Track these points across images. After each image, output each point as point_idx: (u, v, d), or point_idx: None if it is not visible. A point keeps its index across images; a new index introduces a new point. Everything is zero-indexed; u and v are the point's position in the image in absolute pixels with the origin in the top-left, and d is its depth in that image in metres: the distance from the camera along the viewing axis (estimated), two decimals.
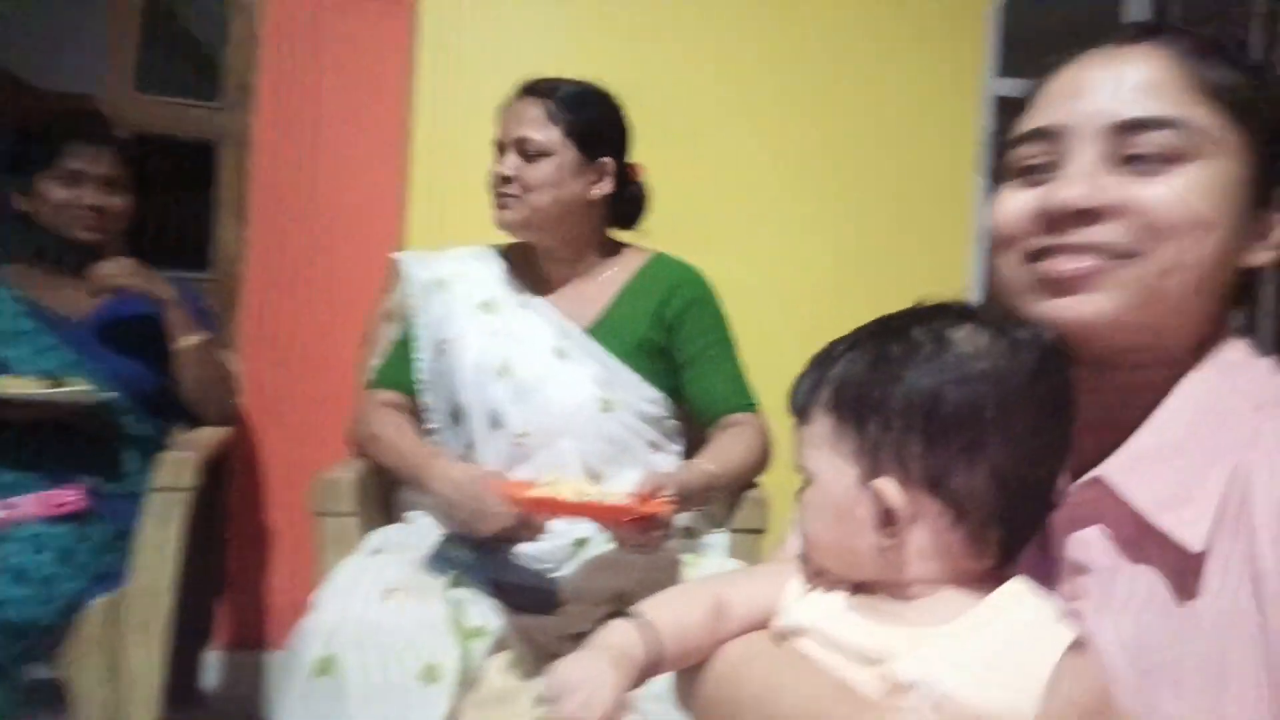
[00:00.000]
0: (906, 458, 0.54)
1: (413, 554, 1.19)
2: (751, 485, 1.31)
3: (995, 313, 0.58)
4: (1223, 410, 0.56)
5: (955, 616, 0.54)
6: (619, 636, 0.59)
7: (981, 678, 0.51)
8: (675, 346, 1.35)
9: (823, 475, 0.58)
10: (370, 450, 1.29)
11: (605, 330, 1.33)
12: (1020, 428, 0.54)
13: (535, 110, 1.29)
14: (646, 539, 1.07)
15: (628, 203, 1.40)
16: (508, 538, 1.13)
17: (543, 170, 1.29)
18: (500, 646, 1.10)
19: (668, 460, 1.33)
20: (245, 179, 1.93)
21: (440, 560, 1.17)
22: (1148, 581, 0.55)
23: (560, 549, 1.19)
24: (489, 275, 1.37)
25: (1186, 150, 0.55)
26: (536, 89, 1.31)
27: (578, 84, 1.33)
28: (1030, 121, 0.61)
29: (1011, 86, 2.08)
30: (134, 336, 1.50)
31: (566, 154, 1.29)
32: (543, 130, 1.28)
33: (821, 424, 0.59)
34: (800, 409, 0.61)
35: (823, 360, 0.61)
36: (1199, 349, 0.59)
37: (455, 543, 1.19)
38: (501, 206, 1.30)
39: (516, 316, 1.33)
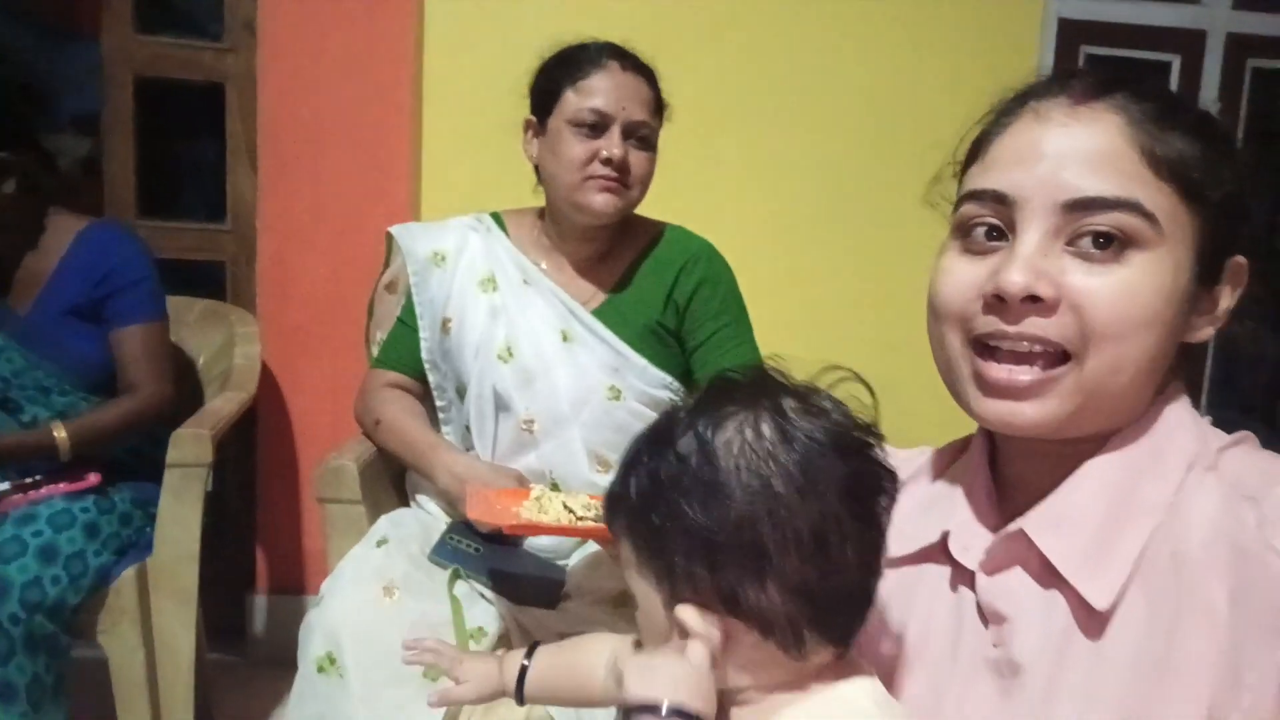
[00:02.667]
0: (698, 582, 0.52)
1: (418, 544, 1.18)
2: None
3: (778, 389, 0.54)
4: (1148, 470, 0.56)
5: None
6: (510, 659, 0.73)
7: None
8: (687, 329, 1.28)
9: (639, 596, 0.57)
10: (375, 435, 1.28)
11: (613, 312, 1.26)
12: (806, 533, 0.51)
13: (647, 91, 1.21)
14: None
15: None
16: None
17: (649, 162, 1.23)
18: (501, 646, 1.11)
19: None
20: (252, 124, 1.86)
21: (445, 551, 1.17)
22: (1063, 615, 0.56)
23: (566, 542, 1.17)
24: (490, 248, 1.30)
25: (1137, 235, 0.54)
26: (639, 64, 1.22)
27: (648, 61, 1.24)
28: (981, 179, 0.58)
29: None
30: (78, 317, 1.42)
31: (655, 147, 1.23)
32: (655, 117, 1.22)
33: (625, 546, 0.57)
34: (612, 529, 0.58)
35: (625, 472, 0.57)
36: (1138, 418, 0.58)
37: (462, 531, 1.18)
38: (606, 190, 1.19)
39: (519, 295, 1.27)
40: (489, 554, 1.17)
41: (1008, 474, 0.62)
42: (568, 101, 1.19)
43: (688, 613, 0.52)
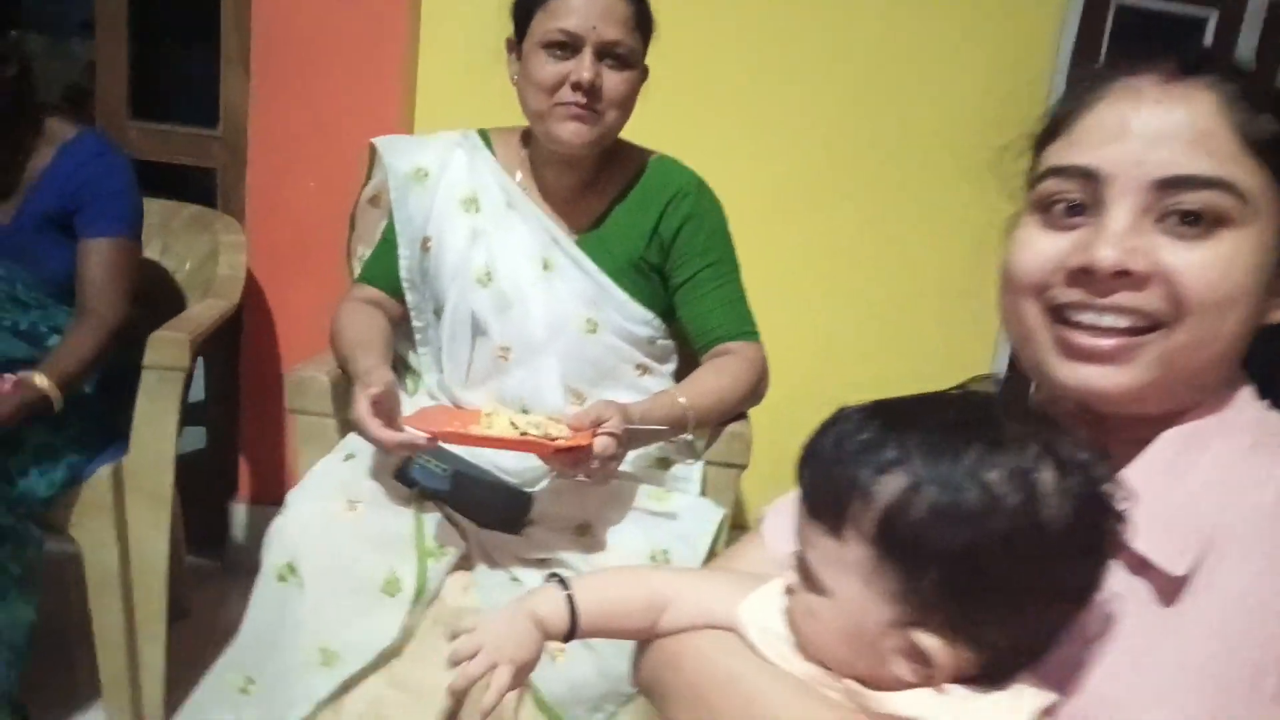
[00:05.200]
0: (961, 618, 0.51)
1: (385, 458, 1.19)
2: (738, 417, 1.25)
3: (1064, 441, 0.53)
4: (1216, 442, 0.57)
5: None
6: (545, 606, 0.65)
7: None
8: (671, 266, 1.25)
9: (844, 600, 0.54)
10: (331, 345, 1.26)
11: (596, 242, 1.24)
12: (1080, 587, 0.53)
13: (623, 7, 1.13)
14: (579, 470, 1.02)
15: None
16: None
17: (628, 82, 1.15)
18: (460, 565, 1.12)
19: (656, 384, 1.27)
20: (247, 29, 1.81)
21: (412, 469, 1.17)
22: (1139, 591, 0.55)
23: (534, 468, 1.17)
24: (475, 167, 1.27)
25: (1228, 213, 0.54)
26: None
27: None
28: (1067, 155, 0.58)
29: None
30: (54, 226, 1.39)
31: (641, 64, 1.17)
32: (631, 35, 1.14)
33: (856, 549, 0.53)
34: (822, 515, 0.55)
35: (855, 459, 0.53)
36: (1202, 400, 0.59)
37: (430, 452, 1.18)
38: (575, 119, 1.13)
39: (502, 218, 1.25)
40: (456, 477, 1.17)
41: None
42: (538, 21, 1.14)
43: (932, 641, 0.52)
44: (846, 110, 1.93)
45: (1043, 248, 0.58)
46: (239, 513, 1.98)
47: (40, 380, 1.26)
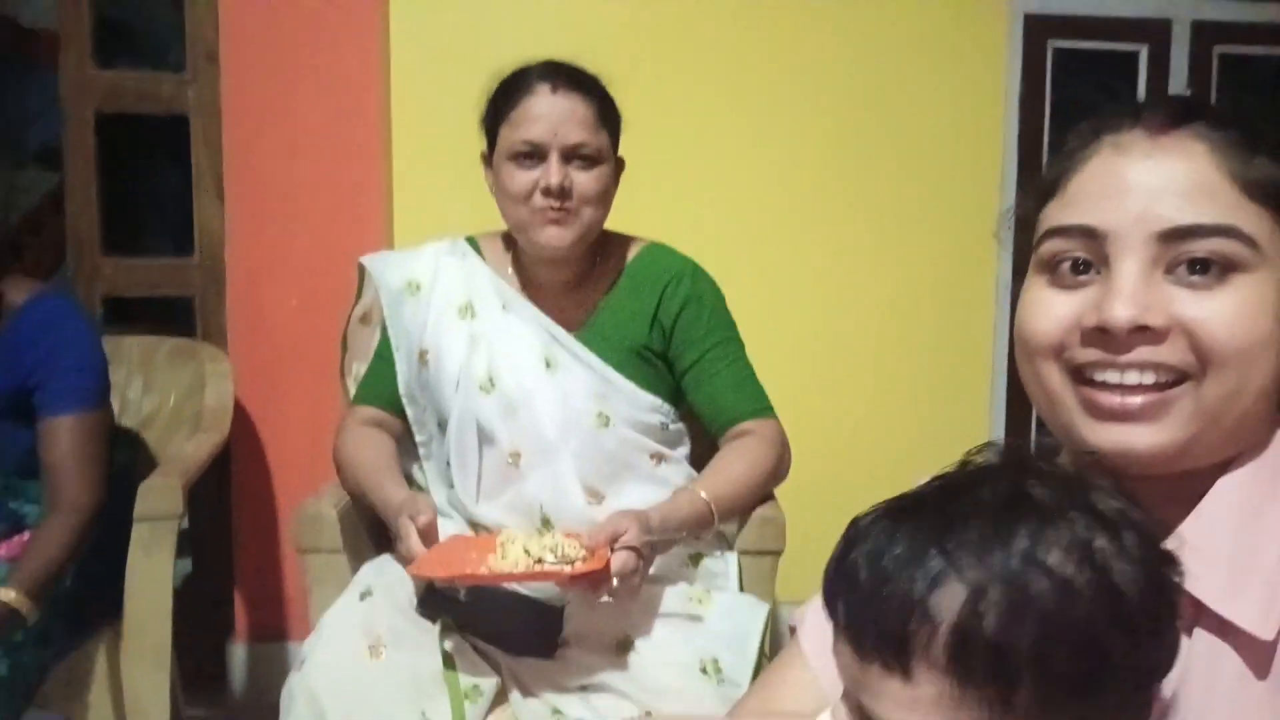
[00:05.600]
0: (1060, 713, 0.45)
1: (404, 592, 1.12)
2: (766, 499, 1.21)
3: (1103, 502, 0.49)
4: (1273, 488, 0.55)
5: None
6: None
7: None
8: (675, 351, 1.23)
9: None
10: (340, 477, 1.21)
11: (595, 334, 1.21)
12: (1166, 654, 0.49)
13: (584, 109, 1.14)
14: (601, 592, 0.99)
15: None
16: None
17: (599, 179, 1.15)
18: (498, 703, 1.04)
19: (673, 470, 1.22)
20: (218, 154, 1.80)
21: (433, 599, 1.10)
22: (1228, 660, 0.52)
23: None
24: (467, 273, 1.25)
25: (1238, 259, 0.53)
26: (575, 80, 1.15)
27: (591, 75, 1.18)
28: (1066, 215, 0.57)
29: None
30: (12, 412, 1.28)
31: (611, 160, 1.18)
32: (596, 134, 1.15)
33: (930, 686, 0.46)
34: (880, 653, 0.47)
35: (898, 577, 0.46)
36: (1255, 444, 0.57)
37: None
38: (554, 223, 1.14)
39: (499, 321, 1.21)
40: (479, 602, 1.10)
41: None
42: (504, 135, 1.15)
43: None
44: (812, 158, 1.95)
45: (1054, 308, 0.57)
46: (238, 653, 1.87)
47: (6, 594, 1.14)
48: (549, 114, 1.13)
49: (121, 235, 1.90)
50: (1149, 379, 0.54)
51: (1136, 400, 0.54)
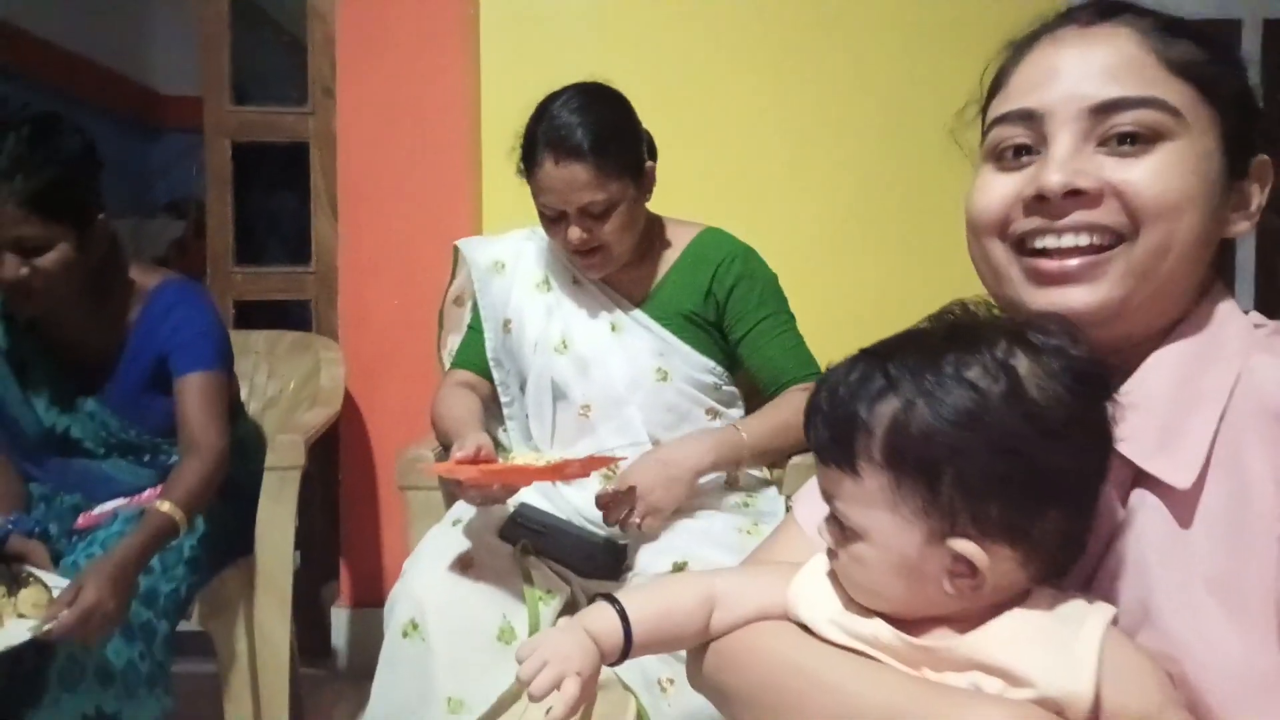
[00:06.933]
0: (985, 514, 0.54)
1: (489, 521, 1.29)
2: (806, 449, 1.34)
3: (1033, 330, 0.57)
4: (1206, 359, 0.59)
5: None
6: (598, 622, 0.64)
7: (1035, 657, 0.53)
8: (729, 322, 1.38)
9: (879, 534, 0.56)
10: (435, 430, 1.40)
11: (655, 306, 1.38)
12: (1086, 464, 0.55)
13: (583, 174, 1.24)
14: (567, 479, 1.19)
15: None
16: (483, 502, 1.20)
17: (616, 220, 1.28)
18: (569, 608, 1.19)
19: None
20: (333, 177, 2.07)
21: (512, 529, 1.27)
22: (1158, 514, 0.57)
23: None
24: (543, 255, 1.44)
25: (1163, 128, 0.57)
26: (569, 150, 1.24)
27: (596, 116, 1.27)
28: (1006, 104, 0.63)
29: None
30: (154, 385, 1.46)
31: (628, 192, 1.29)
32: (601, 190, 1.26)
33: (873, 480, 0.56)
34: (837, 458, 0.58)
35: (851, 397, 0.57)
36: (1183, 317, 0.61)
37: (528, 512, 1.29)
38: (589, 268, 1.33)
39: (571, 294, 1.40)
40: (553, 532, 1.26)
41: None
42: (532, 188, 1.31)
43: (969, 547, 0.54)
44: (867, 146, 1.97)
45: (998, 187, 0.62)
46: (340, 617, 2.08)
47: (164, 505, 1.31)
48: (556, 185, 1.26)
49: (249, 249, 2.19)
50: (1084, 240, 0.58)
51: (1074, 262, 0.58)
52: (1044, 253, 0.60)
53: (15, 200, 1.24)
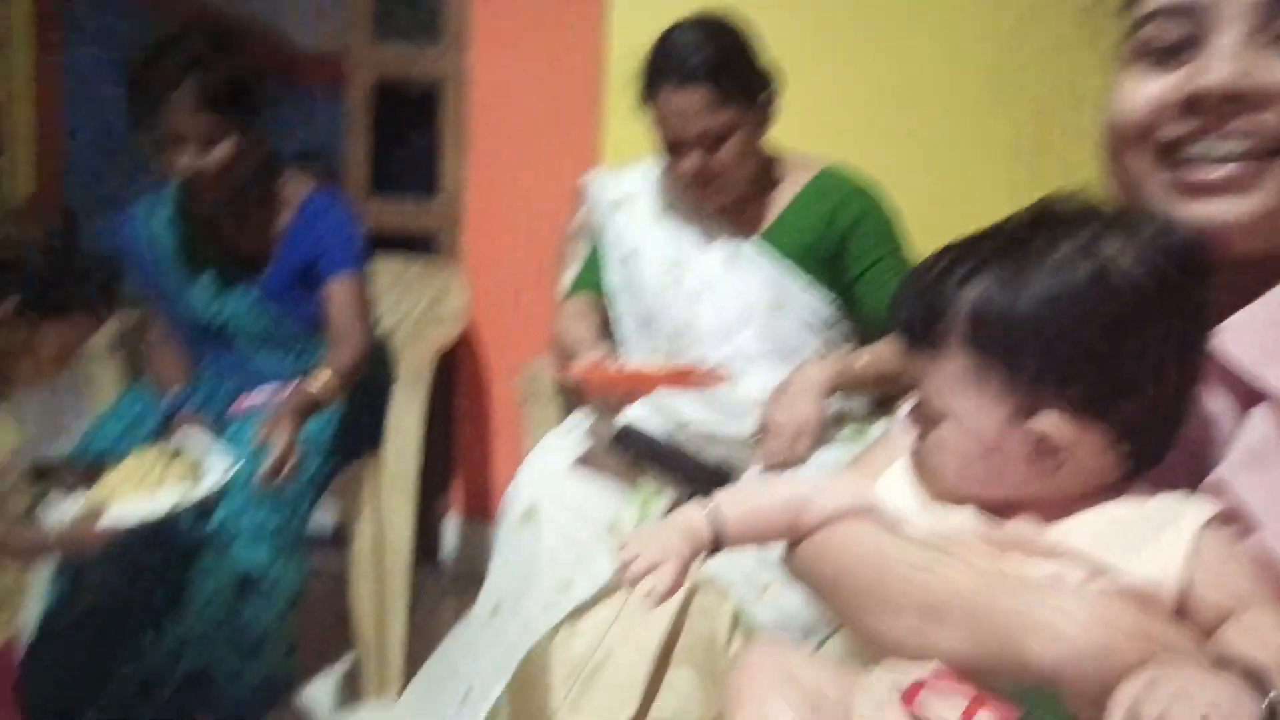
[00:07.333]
0: (1070, 389, 0.53)
1: (604, 432, 1.38)
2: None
3: (1130, 215, 0.55)
4: None
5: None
6: (688, 519, 0.67)
7: (1125, 547, 0.53)
8: (846, 260, 1.40)
9: (964, 415, 0.56)
10: (553, 348, 1.49)
11: (773, 237, 1.42)
12: (1179, 341, 0.54)
13: (697, 100, 1.26)
14: (690, 386, 1.26)
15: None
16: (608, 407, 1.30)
17: (731, 148, 1.30)
18: (675, 507, 1.27)
19: None
20: (464, 115, 2.18)
21: (622, 439, 1.35)
22: (1267, 427, 0.54)
23: (734, 451, 1.32)
24: (664, 189, 1.49)
25: None
26: (685, 72, 1.26)
27: (715, 42, 1.28)
28: None
29: None
30: (303, 282, 1.60)
31: (744, 118, 1.30)
32: (717, 115, 1.27)
33: (958, 361, 0.56)
34: (923, 341, 0.58)
35: (938, 282, 0.57)
36: None
37: (636, 428, 1.36)
38: (705, 199, 1.36)
39: (690, 226, 1.45)
40: (661, 447, 1.34)
41: None
42: (651, 117, 1.34)
43: (1053, 422, 0.53)
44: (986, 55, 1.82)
45: (1148, 88, 0.55)
46: (452, 526, 2.23)
47: (322, 375, 1.47)
48: (671, 113, 1.28)
49: (383, 179, 2.33)
50: (1242, 148, 0.52)
51: (1225, 171, 0.53)
52: (1190, 162, 0.55)
53: (193, 96, 1.38)
